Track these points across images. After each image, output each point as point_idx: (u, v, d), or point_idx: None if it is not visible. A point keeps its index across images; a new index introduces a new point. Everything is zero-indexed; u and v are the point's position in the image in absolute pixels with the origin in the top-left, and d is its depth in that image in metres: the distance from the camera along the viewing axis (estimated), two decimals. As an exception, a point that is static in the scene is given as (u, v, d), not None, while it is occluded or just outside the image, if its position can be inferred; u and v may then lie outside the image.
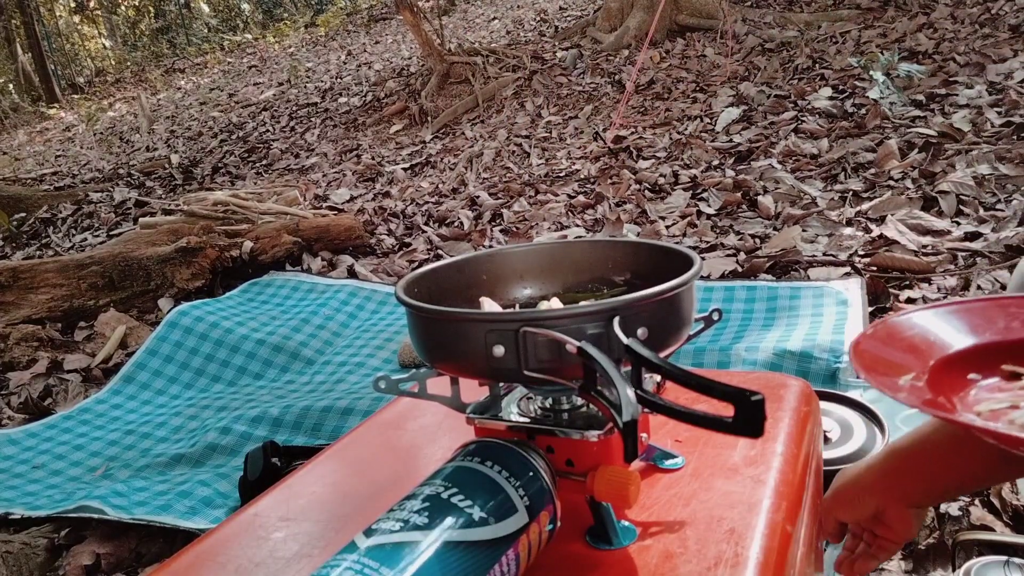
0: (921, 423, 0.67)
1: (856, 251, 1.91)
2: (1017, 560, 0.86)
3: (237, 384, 1.87)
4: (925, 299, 1.62)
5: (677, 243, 1.95)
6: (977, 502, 1.04)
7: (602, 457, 0.54)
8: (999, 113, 2.64)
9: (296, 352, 1.95)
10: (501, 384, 0.61)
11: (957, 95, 2.88)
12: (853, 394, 1.18)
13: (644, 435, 0.60)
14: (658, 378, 0.58)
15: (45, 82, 11.57)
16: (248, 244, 2.54)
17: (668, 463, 0.60)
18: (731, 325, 1.68)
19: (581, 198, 2.81)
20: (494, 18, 7.83)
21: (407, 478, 0.58)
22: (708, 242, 2.16)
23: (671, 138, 3.29)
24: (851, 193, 2.31)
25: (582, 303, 0.52)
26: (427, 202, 3.16)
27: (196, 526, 1.23)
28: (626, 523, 0.53)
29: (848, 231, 2.05)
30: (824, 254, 1.93)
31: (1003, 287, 1.62)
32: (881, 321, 0.61)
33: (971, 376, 0.58)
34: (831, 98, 3.22)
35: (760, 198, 2.39)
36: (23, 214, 4.14)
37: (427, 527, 0.43)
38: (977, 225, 1.94)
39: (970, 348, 0.60)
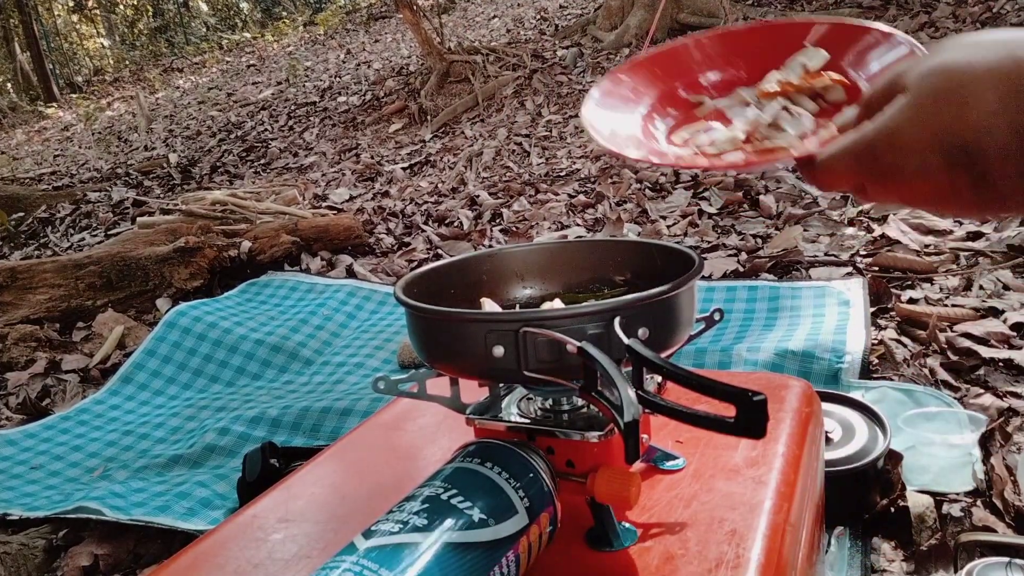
0: None
1: (858, 251, 1.91)
2: (1019, 561, 0.86)
3: (235, 384, 1.87)
4: (927, 299, 1.62)
5: (678, 243, 1.94)
6: (979, 503, 1.04)
7: (603, 458, 0.54)
8: (999, 112, 2.63)
9: (295, 352, 1.94)
10: (501, 385, 0.61)
11: (957, 94, 2.88)
12: (855, 395, 1.18)
13: (645, 436, 0.60)
14: (659, 379, 0.58)
15: (43, 81, 11.57)
16: (246, 244, 2.53)
17: (669, 464, 0.60)
18: (732, 325, 1.67)
19: (581, 197, 2.81)
20: (494, 16, 7.82)
21: (406, 479, 0.57)
22: (709, 242, 2.15)
23: (671, 137, 3.28)
24: (852, 192, 2.31)
25: (584, 303, 0.52)
26: (426, 201, 3.16)
27: (194, 527, 1.22)
28: (627, 524, 0.53)
29: (850, 231, 2.05)
30: (826, 254, 1.93)
31: (1006, 287, 1.62)
32: (607, 75, 0.62)
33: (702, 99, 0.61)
34: (831, 97, 3.21)
35: (762, 197, 2.39)
36: (21, 214, 4.13)
37: (426, 529, 0.43)
38: (979, 225, 1.93)
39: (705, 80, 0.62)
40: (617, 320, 0.48)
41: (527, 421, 0.56)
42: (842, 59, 0.57)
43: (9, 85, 12.41)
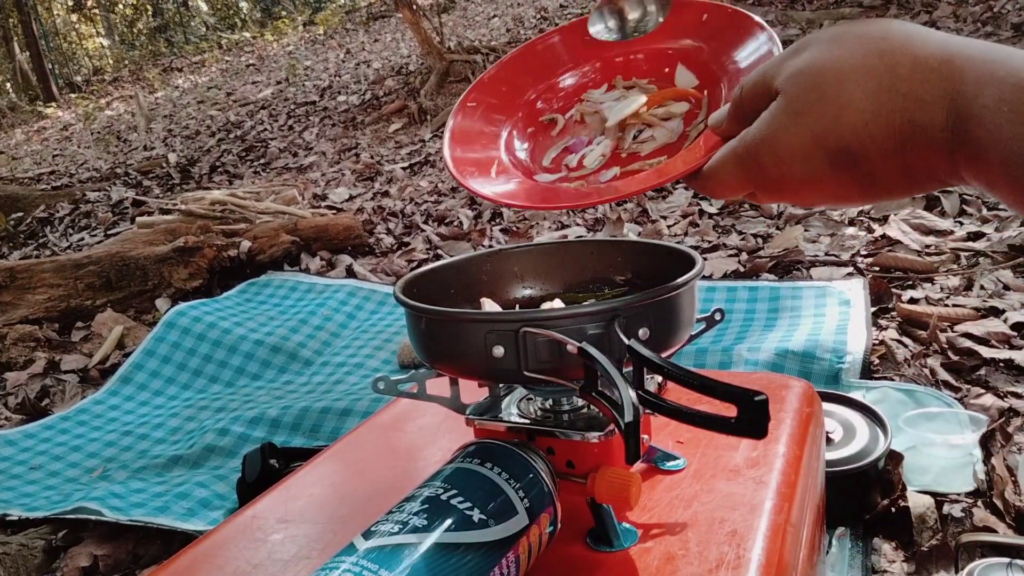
0: None
1: (858, 251, 1.91)
2: (1020, 562, 0.86)
3: (235, 385, 1.87)
4: (928, 299, 1.62)
5: (679, 243, 1.94)
6: (980, 503, 1.03)
7: (603, 458, 0.53)
8: (999, 112, 2.63)
9: (294, 352, 1.94)
10: (501, 385, 0.60)
11: (957, 94, 2.87)
12: (856, 395, 1.18)
13: (645, 436, 0.59)
14: (660, 379, 0.58)
15: (42, 81, 11.55)
16: (246, 244, 2.53)
17: (669, 464, 0.60)
18: (733, 325, 1.67)
19: (581, 197, 2.80)
20: (494, 16, 7.82)
21: (406, 480, 0.57)
22: (710, 242, 2.15)
23: (671, 137, 3.28)
24: (852, 192, 2.31)
25: (584, 303, 0.52)
26: (426, 201, 3.16)
27: (194, 528, 1.22)
28: (627, 525, 0.53)
29: (850, 231, 2.05)
30: (826, 254, 1.93)
31: (1006, 287, 1.61)
32: (458, 105, 0.62)
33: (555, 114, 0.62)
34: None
35: (761, 197, 2.38)
36: (20, 214, 4.13)
37: (426, 529, 0.43)
38: (980, 225, 1.93)
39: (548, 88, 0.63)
40: (617, 320, 0.48)
41: (527, 421, 0.56)
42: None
43: (8, 85, 12.41)
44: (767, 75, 0.41)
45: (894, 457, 1.06)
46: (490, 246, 2.40)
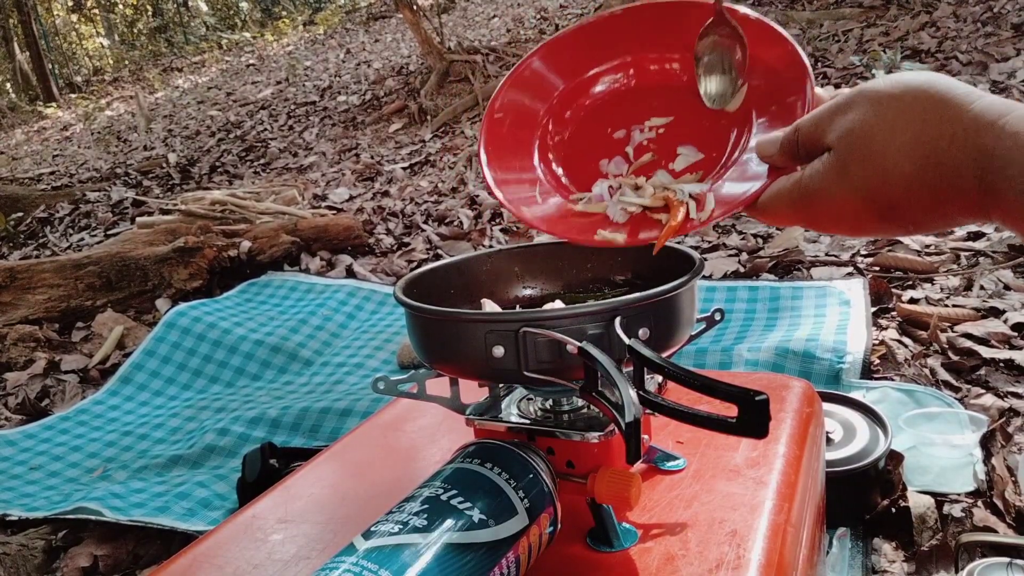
0: None
1: (858, 251, 1.91)
2: (1020, 562, 0.86)
3: (235, 385, 1.87)
4: (928, 299, 1.62)
5: (679, 243, 1.94)
6: (980, 503, 1.03)
7: (603, 459, 0.53)
8: (999, 112, 2.63)
9: (294, 353, 1.94)
10: (501, 385, 0.60)
11: (958, 94, 2.87)
12: (856, 395, 1.18)
13: (646, 436, 0.59)
14: (660, 379, 0.58)
15: (42, 81, 11.54)
16: (246, 244, 2.53)
17: (669, 465, 0.60)
18: (733, 325, 1.67)
19: (581, 197, 2.80)
20: (494, 16, 7.82)
21: (406, 480, 0.57)
22: (710, 242, 2.15)
23: (671, 137, 3.28)
24: (852, 192, 2.31)
25: (584, 303, 0.52)
26: (426, 201, 3.16)
27: (194, 528, 1.22)
28: (627, 525, 0.53)
29: (849, 230, 2.05)
30: (826, 254, 1.93)
31: (1006, 287, 1.61)
32: (487, 116, 0.61)
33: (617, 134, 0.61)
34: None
35: (761, 197, 2.38)
36: (20, 214, 4.13)
37: (426, 529, 0.43)
38: (980, 225, 1.93)
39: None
40: (618, 320, 0.48)
41: (527, 422, 0.56)
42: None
43: (8, 85, 12.40)
44: (821, 125, 0.47)
45: (894, 457, 1.06)
46: (490, 246, 2.40)
